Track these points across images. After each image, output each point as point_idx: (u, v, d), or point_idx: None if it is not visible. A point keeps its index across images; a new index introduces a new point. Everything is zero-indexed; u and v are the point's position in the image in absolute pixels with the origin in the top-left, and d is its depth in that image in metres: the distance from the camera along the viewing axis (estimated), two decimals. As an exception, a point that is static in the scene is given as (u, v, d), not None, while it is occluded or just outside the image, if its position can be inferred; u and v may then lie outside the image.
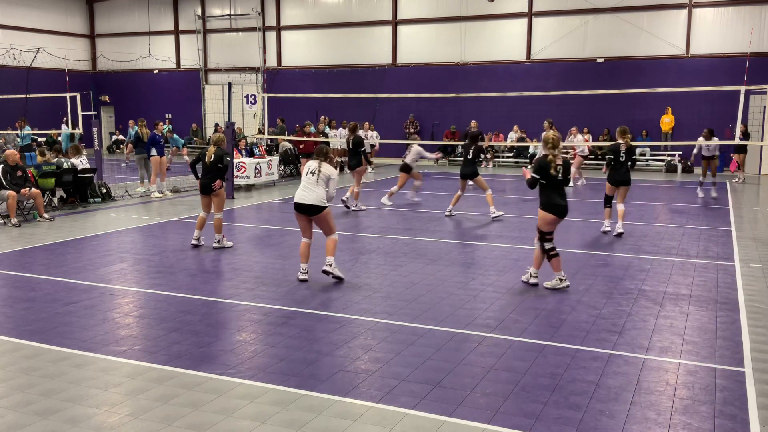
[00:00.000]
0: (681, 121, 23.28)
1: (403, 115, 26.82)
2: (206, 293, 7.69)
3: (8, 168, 12.39)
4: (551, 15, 25.18)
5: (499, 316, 6.83)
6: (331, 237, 8.20)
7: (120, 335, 6.23)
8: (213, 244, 10.08)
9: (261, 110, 19.76)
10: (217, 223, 10.08)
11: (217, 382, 5.14)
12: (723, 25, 23.11)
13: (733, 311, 7.01)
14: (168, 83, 32.37)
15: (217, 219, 10.07)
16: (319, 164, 8.19)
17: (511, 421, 4.52)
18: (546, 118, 19.50)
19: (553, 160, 7.62)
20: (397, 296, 7.51)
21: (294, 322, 6.61)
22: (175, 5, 31.86)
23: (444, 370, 5.37)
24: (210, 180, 9.95)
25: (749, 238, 11.07)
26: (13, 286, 7.99)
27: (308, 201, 8.09)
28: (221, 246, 10.06)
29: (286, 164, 20.93)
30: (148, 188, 16.26)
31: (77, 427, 4.44)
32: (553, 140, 7.69)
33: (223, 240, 10.13)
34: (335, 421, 4.51)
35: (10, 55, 28.41)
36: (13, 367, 5.47)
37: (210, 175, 9.94)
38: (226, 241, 10.21)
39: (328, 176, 8.14)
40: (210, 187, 9.94)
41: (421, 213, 13.77)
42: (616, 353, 5.79)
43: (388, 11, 27.63)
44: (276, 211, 14.48)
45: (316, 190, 8.10)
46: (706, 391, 5.03)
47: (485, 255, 9.68)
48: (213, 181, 9.93)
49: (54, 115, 26.77)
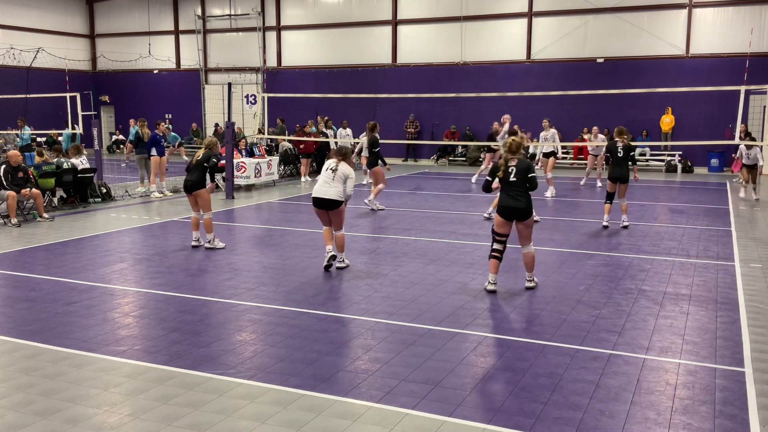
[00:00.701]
0: (681, 121, 23.28)
1: (403, 115, 26.82)
2: (206, 293, 7.69)
3: (10, 169, 12.39)
4: (551, 15, 25.18)
5: (499, 316, 6.83)
6: (340, 232, 8.70)
7: (120, 335, 6.23)
8: (204, 244, 10.04)
9: (261, 110, 19.76)
10: (206, 223, 10.01)
11: (217, 382, 5.14)
12: (723, 25, 23.11)
13: (733, 311, 7.01)
14: (168, 83, 32.37)
15: (206, 219, 10.00)
16: (337, 163, 8.63)
17: (511, 421, 4.52)
18: (545, 118, 19.43)
19: (503, 164, 7.61)
20: (397, 296, 7.51)
21: (294, 322, 6.61)
22: (175, 5, 31.86)
23: (444, 370, 5.37)
24: (192, 179, 9.91)
25: (749, 238, 11.07)
26: (13, 286, 7.99)
27: (328, 195, 8.54)
28: (213, 247, 9.96)
29: (286, 164, 20.93)
30: (148, 188, 16.26)
31: (77, 427, 4.44)
32: (510, 145, 7.65)
33: (214, 240, 10.03)
34: (335, 421, 4.51)
35: (10, 55, 28.41)
36: (13, 367, 5.47)
37: (194, 174, 9.92)
38: (218, 241, 10.10)
39: (345, 175, 8.57)
40: (190, 186, 9.92)
41: (421, 213, 13.77)
42: (616, 353, 5.79)
43: (388, 11, 27.62)
44: (276, 211, 14.48)
45: (333, 186, 8.53)
46: (706, 391, 5.03)
47: (485, 255, 9.67)
48: (195, 180, 9.88)
49: (54, 115, 26.76)
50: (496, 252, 7.71)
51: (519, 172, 7.54)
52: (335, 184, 8.53)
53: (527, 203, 7.56)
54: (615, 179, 11.65)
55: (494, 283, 7.72)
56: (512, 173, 7.55)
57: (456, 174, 22.52)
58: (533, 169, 7.67)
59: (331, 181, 8.55)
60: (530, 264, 7.78)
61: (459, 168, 25.01)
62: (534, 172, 7.63)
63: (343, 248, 8.81)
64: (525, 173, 7.55)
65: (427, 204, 15.06)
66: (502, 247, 7.73)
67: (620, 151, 11.62)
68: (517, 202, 7.53)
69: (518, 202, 7.53)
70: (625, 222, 11.79)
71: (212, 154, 9.96)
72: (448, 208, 14.28)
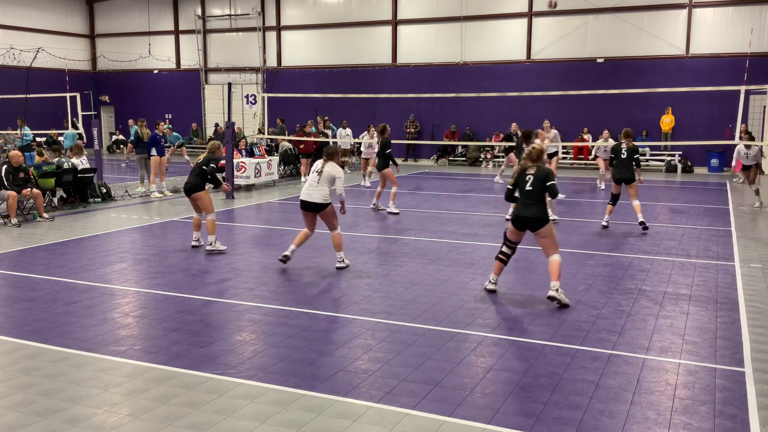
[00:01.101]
0: (681, 121, 23.28)
1: (403, 115, 26.82)
2: (206, 293, 7.69)
3: (11, 169, 12.40)
4: (551, 15, 25.16)
5: (499, 316, 6.83)
6: (335, 232, 8.73)
7: (120, 335, 6.23)
8: (206, 246, 9.82)
9: (261, 110, 19.76)
10: (208, 225, 9.80)
11: (217, 382, 5.14)
12: (723, 25, 23.11)
13: (733, 311, 7.01)
14: (168, 83, 32.37)
15: (209, 221, 9.81)
16: (323, 164, 8.49)
17: (511, 421, 4.52)
18: (545, 119, 19.41)
19: (520, 171, 7.50)
20: (397, 296, 7.51)
21: (294, 322, 6.61)
22: (175, 5, 31.86)
23: (444, 370, 5.38)
24: (190, 182, 9.87)
25: (749, 238, 11.07)
26: (13, 286, 7.99)
27: (311, 199, 8.54)
28: (214, 249, 9.72)
29: (286, 164, 20.93)
30: (148, 188, 16.26)
31: (77, 427, 4.44)
32: (531, 152, 7.52)
33: (216, 243, 9.76)
34: (335, 421, 4.51)
35: (10, 55, 28.41)
36: (13, 367, 5.47)
37: (192, 177, 9.88)
38: (220, 244, 9.83)
39: (332, 176, 8.55)
40: (188, 189, 9.90)
41: (421, 213, 13.77)
42: (616, 353, 5.79)
43: (388, 11, 27.62)
44: (276, 211, 14.48)
45: (319, 188, 8.50)
46: (706, 391, 5.03)
47: (485, 255, 9.68)
48: (193, 183, 9.82)
49: (54, 115, 26.76)
50: (503, 255, 7.68)
51: (536, 181, 7.37)
52: (321, 187, 8.52)
53: (539, 213, 7.33)
54: (620, 181, 11.68)
55: (494, 283, 7.71)
56: (529, 181, 7.40)
57: (456, 174, 22.52)
58: (552, 177, 7.45)
59: (316, 184, 8.53)
60: (555, 272, 7.25)
61: (459, 168, 25.01)
62: (553, 180, 7.42)
63: (340, 248, 8.81)
64: (543, 182, 7.35)
65: (427, 204, 15.06)
66: (510, 252, 7.68)
67: (624, 152, 11.66)
68: (528, 211, 7.35)
69: (529, 211, 7.35)
70: (641, 219, 11.59)
71: (212, 158, 9.88)
72: (448, 208, 14.28)
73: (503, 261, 7.69)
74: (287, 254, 8.76)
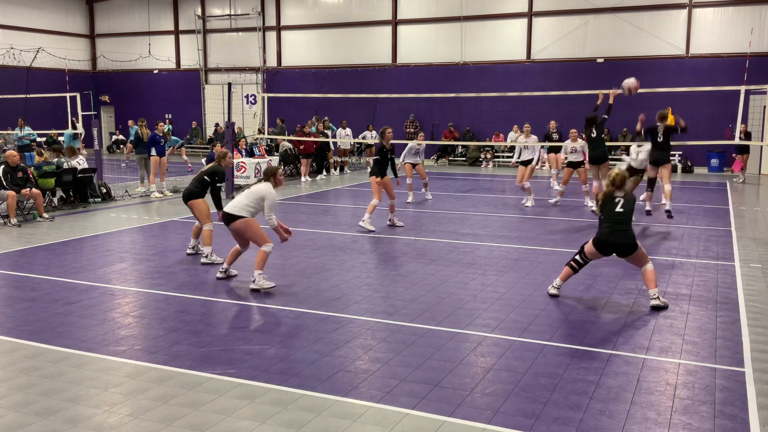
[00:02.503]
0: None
1: (403, 115, 26.81)
2: (206, 293, 7.69)
3: (9, 169, 12.40)
4: (551, 15, 25.17)
5: (499, 316, 6.83)
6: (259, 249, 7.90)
7: (120, 335, 6.23)
8: (201, 259, 9.17)
9: (261, 110, 19.75)
10: (204, 235, 9.25)
11: (217, 382, 5.14)
12: (723, 25, 23.10)
13: (733, 311, 7.01)
14: (168, 83, 32.36)
15: (205, 231, 9.26)
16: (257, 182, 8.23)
17: (511, 421, 4.52)
18: (551, 119, 19.36)
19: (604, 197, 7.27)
20: (397, 296, 7.51)
21: (294, 322, 6.61)
22: (175, 5, 31.85)
23: (444, 370, 5.38)
24: (188, 188, 9.41)
25: (749, 238, 11.07)
26: (13, 286, 7.99)
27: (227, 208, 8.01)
28: (209, 262, 9.09)
29: (286, 164, 20.92)
30: (148, 188, 16.26)
31: (77, 427, 4.44)
32: (615, 178, 7.25)
33: (212, 255, 9.14)
34: (335, 421, 4.51)
35: (10, 55, 28.40)
36: (13, 367, 5.47)
37: (191, 184, 9.43)
38: (216, 256, 9.17)
39: (260, 195, 7.96)
40: (185, 195, 9.40)
41: (421, 213, 13.77)
42: (616, 353, 5.78)
43: (388, 11, 27.62)
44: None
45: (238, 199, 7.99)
46: (706, 391, 5.03)
47: (485, 255, 9.68)
48: (191, 189, 9.33)
49: (54, 115, 26.76)
50: (575, 263, 7.44)
51: (627, 203, 7.16)
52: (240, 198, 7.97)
53: (632, 239, 7.12)
54: (656, 162, 11.87)
55: (557, 288, 7.55)
56: (619, 203, 7.16)
57: (456, 174, 22.52)
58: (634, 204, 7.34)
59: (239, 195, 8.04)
60: (651, 280, 7.13)
61: (459, 168, 25.00)
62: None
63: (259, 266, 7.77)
64: (633, 204, 7.21)
65: (427, 204, 15.05)
66: (583, 263, 7.44)
67: (660, 136, 11.90)
68: (619, 238, 7.09)
69: (620, 237, 7.09)
70: (668, 207, 11.69)
71: (218, 171, 9.29)
72: (448, 208, 14.28)
73: (574, 269, 7.47)
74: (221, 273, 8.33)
